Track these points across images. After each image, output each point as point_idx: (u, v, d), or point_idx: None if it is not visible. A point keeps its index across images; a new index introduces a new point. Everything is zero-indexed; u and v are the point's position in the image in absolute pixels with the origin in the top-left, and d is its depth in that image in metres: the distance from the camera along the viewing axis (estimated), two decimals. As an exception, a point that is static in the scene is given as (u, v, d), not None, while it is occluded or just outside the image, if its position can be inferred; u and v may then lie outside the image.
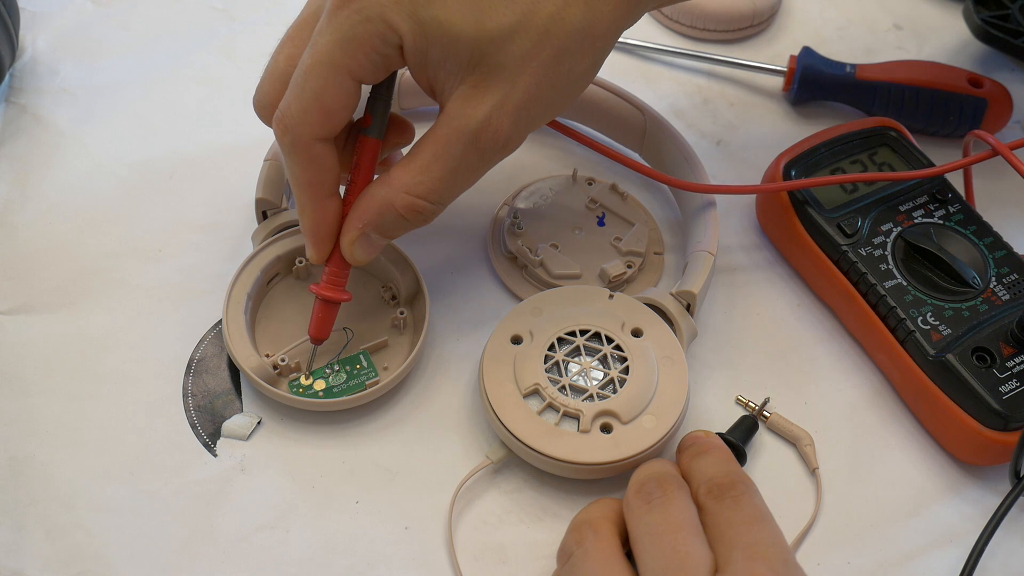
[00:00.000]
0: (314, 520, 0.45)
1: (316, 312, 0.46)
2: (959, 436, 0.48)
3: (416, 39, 0.39)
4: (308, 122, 0.41)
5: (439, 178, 0.42)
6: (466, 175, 0.43)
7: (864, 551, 0.46)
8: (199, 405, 0.48)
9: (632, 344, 0.48)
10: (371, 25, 0.39)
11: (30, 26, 0.63)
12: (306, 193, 0.43)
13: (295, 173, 0.43)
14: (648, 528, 0.40)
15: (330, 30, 0.40)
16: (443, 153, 0.41)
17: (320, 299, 0.46)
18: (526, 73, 0.40)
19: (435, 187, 0.42)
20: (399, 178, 0.42)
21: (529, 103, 0.41)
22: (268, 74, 0.44)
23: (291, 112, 0.41)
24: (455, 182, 0.43)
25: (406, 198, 0.42)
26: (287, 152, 0.42)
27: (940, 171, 0.53)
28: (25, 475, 0.45)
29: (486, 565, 0.45)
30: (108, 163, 0.57)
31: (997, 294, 0.50)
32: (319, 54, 0.40)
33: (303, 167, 0.42)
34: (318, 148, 0.42)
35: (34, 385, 0.48)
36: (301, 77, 0.41)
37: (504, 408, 0.46)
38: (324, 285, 0.46)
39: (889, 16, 0.69)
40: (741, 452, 0.47)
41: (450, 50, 0.40)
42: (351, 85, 0.41)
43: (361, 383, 0.48)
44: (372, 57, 0.40)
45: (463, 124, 0.41)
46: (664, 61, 0.65)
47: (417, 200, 0.42)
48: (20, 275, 0.52)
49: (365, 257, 0.45)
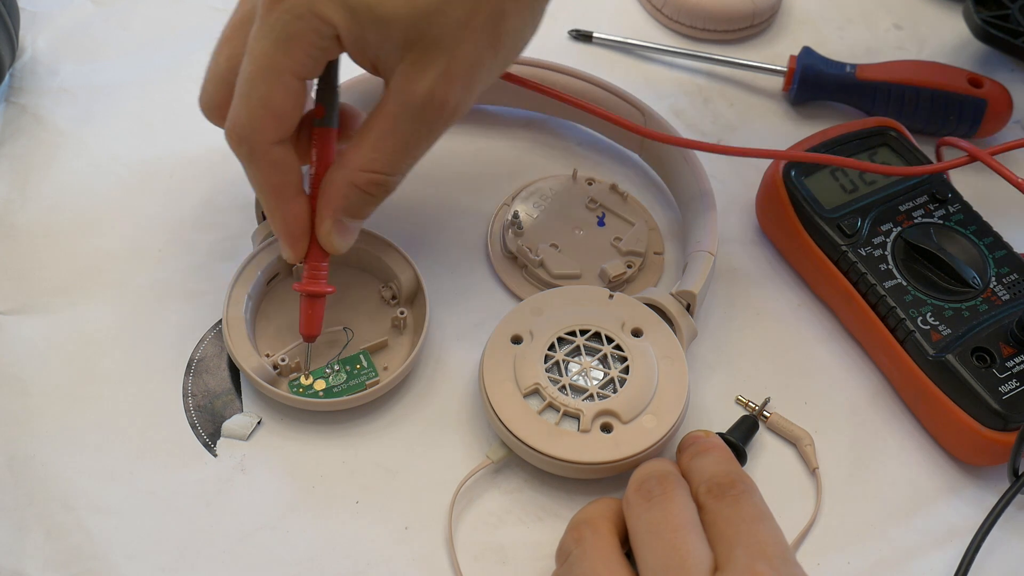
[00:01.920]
0: (314, 520, 0.45)
1: (304, 310, 0.46)
2: (959, 436, 0.48)
3: (350, 27, 0.39)
4: (261, 129, 0.41)
5: (392, 151, 0.42)
6: (419, 145, 0.43)
7: (864, 551, 0.46)
8: (199, 405, 0.48)
9: (632, 344, 0.48)
10: (304, 22, 0.39)
11: (30, 26, 0.62)
12: (273, 198, 0.43)
13: (258, 181, 0.43)
14: (648, 526, 0.40)
15: (265, 33, 0.40)
16: (392, 129, 0.41)
17: (305, 296, 0.46)
18: (464, 41, 0.40)
19: (390, 160, 0.42)
20: (354, 158, 0.42)
21: (471, 69, 0.41)
22: (210, 77, 0.44)
23: (242, 122, 0.41)
24: (409, 153, 0.43)
25: (364, 175, 0.42)
26: (246, 162, 0.42)
27: (925, 171, 0.52)
28: (25, 475, 0.45)
29: (486, 565, 0.45)
30: (108, 163, 0.57)
31: (997, 294, 0.50)
32: (258, 59, 0.40)
33: (266, 173, 0.43)
34: (276, 152, 0.42)
35: (34, 385, 0.48)
36: (245, 85, 0.41)
37: (504, 408, 0.46)
38: (306, 281, 0.46)
39: (889, 16, 0.69)
40: (741, 452, 0.47)
41: (385, 32, 0.39)
42: (296, 84, 0.41)
43: (361, 383, 0.48)
44: (311, 52, 0.40)
45: (408, 99, 0.41)
46: (664, 61, 0.65)
47: (375, 175, 0.43)
48: (20, 275, 0.52)
49: (344, 244, 0.45)
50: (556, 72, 0.57)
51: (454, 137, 0.59)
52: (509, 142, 0.60)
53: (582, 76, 0.57)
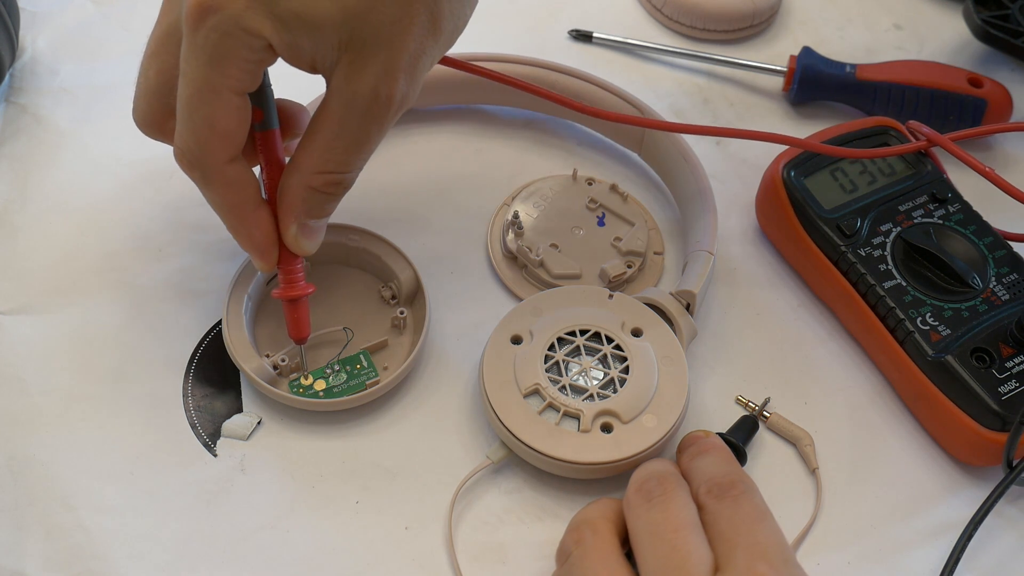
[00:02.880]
0: (314, 520, 0.45)
1: (289, 315, 0.46)
2: (958, 436, 0.48)
3: (282, 36, 0.38)
4: (211, 151, 0.40)
5: (343, 151, 0.41)
6: (369, 141, 0.42)
7: (864, 551, 0.47)
8: (199, 405, 0.48)
9: (632, 344, 0.48)
10: (233, 39, 0.38)
11: (30, 26, 0.62)
12: (234, 216, 0.43)
13: (216, 202, 0.42)
14: (648, 527, 0.40)
15: (195, 53, 0.38)
16: (341, 129, 0.41)
17: (286, 302, 0.45)
18: (402, 33, 0.39)
19: (342, 159, 0.42)
20: (306, 162, 0.42)
21: (412, 60, 0.40)
22: (142, 92, 0.43)
23: (190, 146, 0.40)
24: (360, 150, 0.42)
25: (320, 177, 0.42)
26: (202, 185, 0.42)
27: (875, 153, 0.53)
28: (25, 475, 0.45)
29: (486, 565, 0.45)
30: (108, 163, 0.57)
31: (997, 294, 0.50)
32: (194, 81, 0.39)
33: (223, 193, 0.42)
34: (231, 171, 0.41)
35: (34, 385, 0.48)
36: (186, 108, 0.40)
37: (504, 408, 0.46)
38: (284, 287, 0.45)
39: (889, 16, 0.69)
40: (741, 452, 0.47)
41: (318, 36, 0.38)
42: (237, 100, 0.39)
43: (361, 383, 0.48)
44: (246, 68, 0.39)
45: (352, 99, 0.40)
46: (664, 61, 0.65)
47: (331, 175, 0.42)
48: (20, 275, 0.52)
49: (312, 245, 0.44)
50: (556, 72, 0.57)
51: (454, 137, 0.59)
52: (509, 142, 0.60)
53: (582, 76, 0.57)
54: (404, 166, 0.57)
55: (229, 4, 0.37)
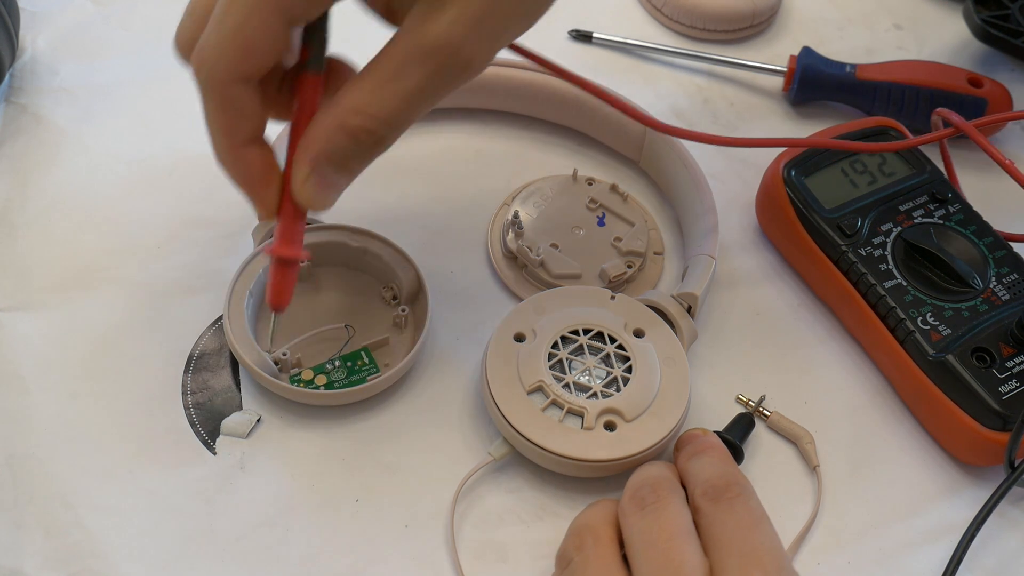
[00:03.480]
0: (314, 518, 0.45)
1: (273, 275, 0.41)
2: (959, 436, 0.48)
3: None
4: (225, 58, 0.36)
5: (393, 96, 0.37)
6: (423, 97, 0.38)
7: (864, 551, 0.46)
8: (198, 403, 0.48)
9: (635, 344, 0.48)
10: None
11: (30, 26, 0.62)
12: (223, 137, 0.39)
13: (209, 115, 0.38)
14: (642, 535, 0.40)
15: None
16: (398, 72, 0.37)
17: (274, 260, 0.41)
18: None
19: (389, 107, 0.37)
20: (348, 99, 0.37)
21: (490, 14, 0.36)
22: (188, 12, 0.40)
23: (207, 46, 0.37)
24: (412, 103, 0.38)
25: (357, 119, 0.37)
26: (202, 91, 0.38)
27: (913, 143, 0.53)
28: (24, 473, 0.45)
29: (487, 564, 0.45)
30: (108, 161, 0.57)
31: (997, 294, 0.50)
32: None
33: (217, 109, 0.38)
34: (236, 90, 0.37)
35: (33, 383, 0.48)
36: (221, 10, 0.36)
37: (508, 404, 0.46)
38: (277, 244, 0.40)
39: (889, 16, 0.69)
40: (738, 450, 0.47)
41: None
42: (277, 21, 0.36)
43: (362, 378, 0.48)
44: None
45: (420, 41, 0.36)
46: (664, 61, 0.65)
47: (370, 120, 0.37)
48: (20, 273, 0.52)
49: (321, 197, 0.39)
50: (555, 77, 0.57)
51: (454, 137, 0.59)
52: (509, 142, 0.60)
53: (579, 81, 0.57)
54: (404, 166, 0.57)
55: None
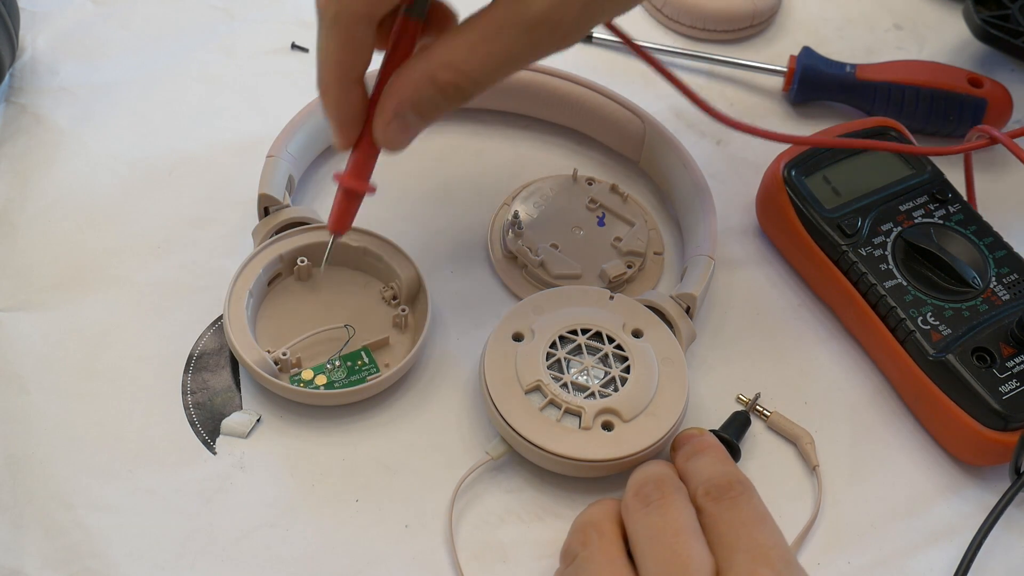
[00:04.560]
0: (314, 518, 0.45)
1: (338, 204, 0.44)
2: (959, 436, 0.48)
3: None
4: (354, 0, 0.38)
5: (486, 57, 0.39)
6: (517, 61, 0.39)
7: (864, 551, 0.46)
8: (198, 402, 0.48)
9: (633, 344, 0.48)
10: None
11: (30, 26, 0.62)
12: (334, 73, 0.40)
13: (328, 50, 0.40)
14: (647, 531, 0.40)
15: None
16: (494, 36, 0.38)
17: (343, 188, 0.43)
18: None
19: (482, 66, 0.39)
20: (442, 53, 0.39)
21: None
22: None
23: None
24: (504, 66, 0.39)
25: (448, 73, 0.39)
26: (327, 25, 0.39)
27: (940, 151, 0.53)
28: (24, 473, 0.45)
29: (486, 564, 0.45)
30: (108, 161, 0.57)
31: (997, 294, 0.50)
32: None
33: (340, 46, 0.40)
34: (360, 29, 0.39)
35: (33, 383, 0.48)
36: None
37: (506, 403, 0.46)
38: (348, 175, 0.43)
39: (889, 16, 0.69)
40: (735, 448, 0.47)
41: None
42: None
43: (362, 378, 0.48)
44: None
45: (523, 10, 0.37)
46: (664, 61, 0.65)
47: (460, 76, 0.39)
48: (20, 273, 0.52)
49: (400, 140, 0.42)
50: (554, 77, 0.57)
51: (454, 137, 0.59)
52: (509, 142, 0.60)
53: (579, 81, 0.57)
54: (405, 166, 0.57)
55: None
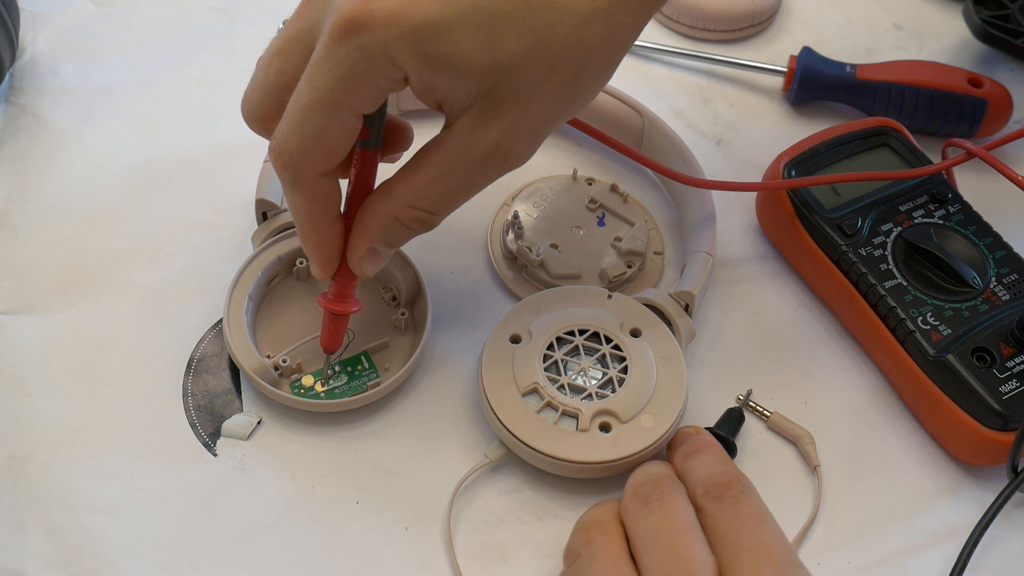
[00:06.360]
0: (314, 520, 0.45)
1: (327, 325, 0.46)
2: (959, 436, 0.48)
3: (422, 73, 0.38)
4: (309, 160, 0.40)
5: (443, 193, 0.41)
6: (471, 190, 0.42)
7: (864, 550, 0.46)
8: (199, 405, 0.48)
9: (631, 344, 0.48)
10: (374, 63, 0.37)
11: (30, 26, 0.63)
12: (310, 224, 0.42)
13: (297, 206, 0.42)
14: (648, 532, 0.40)
15: (329, 67, 0.37)
16: (447, 172, 0.40)
17: (330, 312, 0.46)
18: (539, 96, 0.39)
19: (439, 201, 0.41)
20: (402, 192, 0.41)
21: (542, 124, 0.40)
22: (257, 87, 0.42)
23: (291, 149, 0.39)
24: (460, 197, 0.42)
25: (410, 211, 0.41)
26: (288, 187, 0.41)
27: (918, 173, 0.52)
28: (25, 475, 0.45)
29: (486, 565, 0.45)
30: (108, 163, 0.57)
31: (997, 294, 0.50)
32: (319, 91, 0.38)
33: (307, 201, 0.41)
34: (321, 182, 0.41)
35: (34, 385, 0.48)
36: (301, 115, 0.39)
37: (503, 407, 0.46)
38: (333, 299, 0.45)
39: (889, 16, 0.69)
40: (731, 445, 0.47)
41: (459, 82, 0.38)
42: (353, 121, 0.39)
43: (362, 384, 0.48)
44: (375, 92, 0.38)
45: (470, 148, 0.40)
46: (664, 61, 0.65)
47: (421, 212, 0.42)
48: (20, 275, 0.52)
49: (374, 270, 0.44)
50: None
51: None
52: (509, 142, 0.60)
53: None
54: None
55: (381, 29, 0.36)
